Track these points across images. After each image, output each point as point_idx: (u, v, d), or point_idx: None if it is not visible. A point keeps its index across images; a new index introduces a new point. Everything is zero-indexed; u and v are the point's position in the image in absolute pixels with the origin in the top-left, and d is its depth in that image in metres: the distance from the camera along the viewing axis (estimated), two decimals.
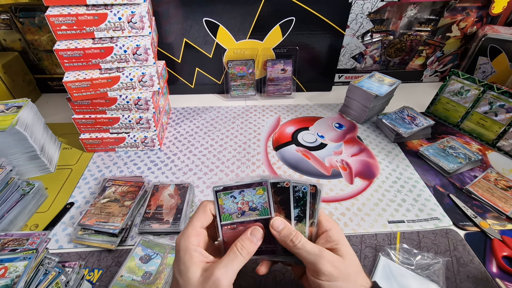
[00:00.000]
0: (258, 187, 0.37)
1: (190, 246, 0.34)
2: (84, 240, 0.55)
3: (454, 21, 0.93)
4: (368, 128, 0.86)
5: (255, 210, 0.37)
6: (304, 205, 0.38)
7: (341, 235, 0.37)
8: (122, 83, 0.67)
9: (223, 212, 0.37)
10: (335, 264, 0.34)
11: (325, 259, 0.34)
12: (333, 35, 0.90)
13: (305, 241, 0.36)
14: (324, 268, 0.33)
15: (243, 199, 0.37)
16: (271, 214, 0.37)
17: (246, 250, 0.35)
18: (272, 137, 0.82)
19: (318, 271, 0.34)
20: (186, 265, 0.33)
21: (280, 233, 0.36)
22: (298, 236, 0.36)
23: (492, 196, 0.64)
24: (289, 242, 0.36)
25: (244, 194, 0.37)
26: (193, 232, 0.35)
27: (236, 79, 0.95)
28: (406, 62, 1.03)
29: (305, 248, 0.35)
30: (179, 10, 0.83)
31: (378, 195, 0.66)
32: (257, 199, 0.37)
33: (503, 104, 0.74)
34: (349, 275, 0.34)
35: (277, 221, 0.37)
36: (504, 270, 0.52)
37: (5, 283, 0.37)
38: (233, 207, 0.37)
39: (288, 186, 0.37)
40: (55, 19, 0.60)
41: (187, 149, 0.78)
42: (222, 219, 0.37)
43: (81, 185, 0.68)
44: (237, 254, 0.34)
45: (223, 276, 0.32)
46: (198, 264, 0.33)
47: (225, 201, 0.37)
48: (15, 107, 0.65)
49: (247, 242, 0.35)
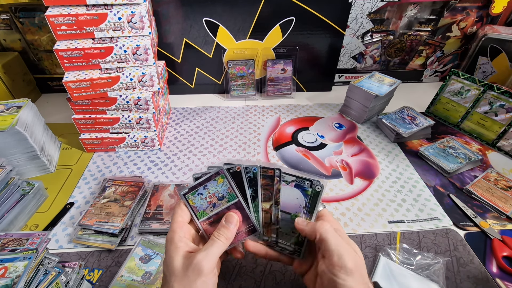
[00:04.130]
0: (217, 177, 0.40)
1: (175, 237, 0.36)
2: (84, 240, 0.55)
3: (454, 21, 0.93)
4: (368, 128, 0.86)
5: (223, 198, 0.40)
6: (255, 185, 0.41)
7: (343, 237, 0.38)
8: (122, 83, 0.67)
9: (197, 210, 0.40)
10: (354, 260, 0.35)
11: (347, 252, 0.35)
12: (333, 35, 0.90)
13: (333, 230, 0.37)
14: (348, 261, 0.34)
15: (208, 192, 0.40)
16: (237, 196, 0.40)
17: (224, 236, 0.37)
18: (272, 137, 0.82)
19: (341, 264, 0.34)
20: (171, 256, 0.35)
21: (306, 226, 0.39)
22: (325, 223, 0.38)
23: (492, 196, 0.64)
24: (318, 227, 0.37)
25: (208, 187, 0.40)
26: (176, 225, 0.38)
27: (236, 79, 0.95)
28: (406, 62, 1.03)
29: (336, 238, 0.36)
30: (179, 10, 0.83)
31: (378, 195, 0.66)
32: (220, 187, 0.40)
33: (503, 104, 0.74)
34: (363, 273, 0.35)
35: (301, 219, 0.40)
36: (504, 270, 0.52)
37: (5, 283, 0.37)
38: (203, 203, 0.40)
39: (239, 169, 0.40)
40: (55, 19, 0.60)
41: (187, 149, 0.78)
42: (198, 216, 0.40)
43: (81, 185, 0.68)
44: (215, 240, 0.37)
45: (204, 259, 0.34)
46: (182, 253, 0.35)
47: (194, 200, 0.40)
48: (15, 107, 0.65)
49: (223, 229, 0.38)
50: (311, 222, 0.39)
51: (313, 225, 0.38)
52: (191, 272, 0.34)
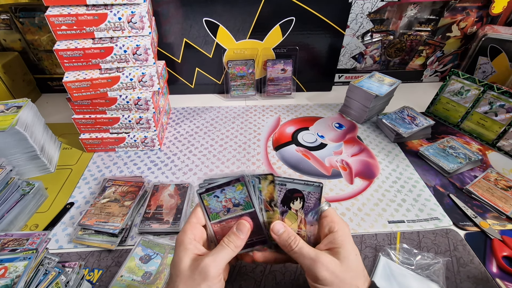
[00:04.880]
0: (236, 183, 0.38)
1: (185, 239, 0.36)
2: (84, 240, 0.55)
3: (454, 21, 0.93)
4: (368, 128, 0.86)
5: (238, 205, 0.39)
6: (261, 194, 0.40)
7: (345, 238, 0.37)
8: (122, 83, 0.67)
9: (210, 212, 0.39)
10: (330, 269, 0.34)
11: (320, 263, 0.35)
12: (333, 35, 0.90)
13: (302, 245, 0.37)
14: (319, 273, 0.34)
15: (225, 197, 0.39)
16: (254, 207, 0.39)
17: (233, 244, 0.37)
18: (272, 137, 0.82)
19: (313, 275, 0.35)
20: (180, 257, 0.35)
21: (279, 237, 0.38)
22: (296, 240, 0.37)
23: (492, 196, 0.64)
24: (287, 246, 0.37)
25: (226, 192, 0.39)
26: (189, 227, 0.37)
27: (236, 79, 0.95)
28: (406, 62, 1.03)
29: (301, 252, 0.36)
30: (179, 10, 0.83)
31: (378, 195, 0.66)
32: (238, 195, 0.39)
33: (503, 104, 0.74)
34: (344, 279, 0.35)
35: (278, 225, 0.39)
36: (504, 270, 0.52)
37: (5, 283, 0.37)
38: (218, 206, 0.39)
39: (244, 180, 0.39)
40: (55, 19, 0.60)
41: (187, 149, 0.78)
42: (211, 218, 0.39)
43: (81, 185, 0.68)
44: (224, 246, 0.36)
45: (211, 263, 0.34)
46: (191, 255, 0.35)
47: (209, 202, 0.39)
48: (15, 107, 0.65)
49: (233, 237, 0.37)
50: (284, 234, 0.38)
51: (285, 238, 0.37)
52: (198, 275, 0.34)
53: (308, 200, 0.39)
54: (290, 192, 0.40)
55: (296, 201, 0.40)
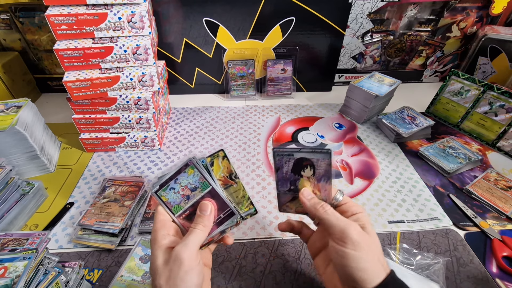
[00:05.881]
0: (187, 169, 0.39)
1: (158, 236, 0.36)
2: (84, 240, 0.55)
3: (454, 21, 0.94)
4: (368, 128, 0.86)
5: (196, 189, 0.39)
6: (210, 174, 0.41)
7: (368, 219, 0.39)
8: (122, 83, 0.67)
9: (171, 206, 0.39)
10: (360, 235, 0.35)
11: (353, 227, 0.36)
12: (333, 35, 0.90)
13: (332, 208, 0.38)
14: (353, 235, 0.35)
15: (180, 185, 0.39)
16: (211, 184, 0.39)
17: (200, 224, 0.37)
18: (272, 137, 0.82)
19: (345, 237, 0.35)
20: (155, 255, 0.35)
21: (309, 201, 0.40)
22: (325, 204, 0.39)
23: (492, 196, 0.64)
24: (319, 208, 0.38)
25: (179, 181, 0.39)
26: (159, 225, 0.37)
27: (236, 79, 0.95)
28: (406, 62, 1.03)
29: (335, 215, 0.37)
30: (179, 10, 0.83)
31: (378, 195, 0.66)
32: (192, 178, 0.39)
33: (503, 104, 0.74)
34: (373, 250, 0.36)
35: (306, 191, 0.41)
36: (504, 270, 0.52)
37: (5, 283, 0.37)
38: (177, 197, 0.39)
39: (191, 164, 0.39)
40: (55, 19, 0.60)
41: (187, 149, 0.78)
42: (174, 212, 0.39)
43: (81, 185, 0.68)
44: (192, 230, 0.37)
45: (182, 249, 0.34)
46: (164, 250, 0.35)
47: (167, 196, 0.39)
48: (15, 107, 0.65)
49: (199, 218, 0.38)
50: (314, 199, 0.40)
51: (314, 204, 0.39)
52: (173, 264, 0.33)
53: (318, 167, 0.40)
54: (298, 161, 0.40)
55: (306, 169, 0.41)
